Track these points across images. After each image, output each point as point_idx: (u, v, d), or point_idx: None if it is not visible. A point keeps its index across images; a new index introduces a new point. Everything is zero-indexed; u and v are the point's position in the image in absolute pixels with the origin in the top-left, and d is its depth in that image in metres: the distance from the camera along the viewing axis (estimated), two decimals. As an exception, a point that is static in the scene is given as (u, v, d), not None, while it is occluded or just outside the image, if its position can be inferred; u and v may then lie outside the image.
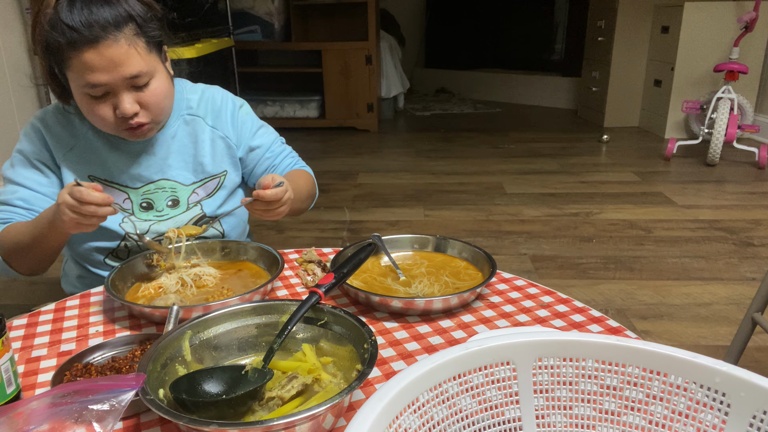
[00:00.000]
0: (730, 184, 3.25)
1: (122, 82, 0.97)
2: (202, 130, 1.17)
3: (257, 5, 4.66)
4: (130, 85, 0.98)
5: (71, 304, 0.96)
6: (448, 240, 1.08)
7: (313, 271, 1.03)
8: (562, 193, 3.17)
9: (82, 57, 0.93)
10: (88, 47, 0.92)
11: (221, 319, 0.76)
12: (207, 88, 1.22)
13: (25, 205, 1.07)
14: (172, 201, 1.15)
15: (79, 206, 0.89)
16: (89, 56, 0.93)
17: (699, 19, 3.97)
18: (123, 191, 1.12)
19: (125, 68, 0.95)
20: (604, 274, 2.22)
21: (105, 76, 0.95)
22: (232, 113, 1.20)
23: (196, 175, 1.17)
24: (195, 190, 1.17)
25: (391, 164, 3.86)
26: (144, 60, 0.98)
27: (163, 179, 1.14)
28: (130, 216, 1.12)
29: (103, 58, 0.93)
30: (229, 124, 1.20)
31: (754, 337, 1.73)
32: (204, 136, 1.17)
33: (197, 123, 1.17)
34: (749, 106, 3.88)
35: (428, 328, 0.86)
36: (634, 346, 0.53)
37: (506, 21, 6.11)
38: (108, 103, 0.99)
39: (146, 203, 1.13)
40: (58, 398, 0.58)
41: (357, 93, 4.68)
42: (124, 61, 0.95)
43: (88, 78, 0.94)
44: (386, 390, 0.47)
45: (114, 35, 0.94)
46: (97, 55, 0.93)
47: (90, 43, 0.92)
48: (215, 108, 1.19)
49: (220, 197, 1.19)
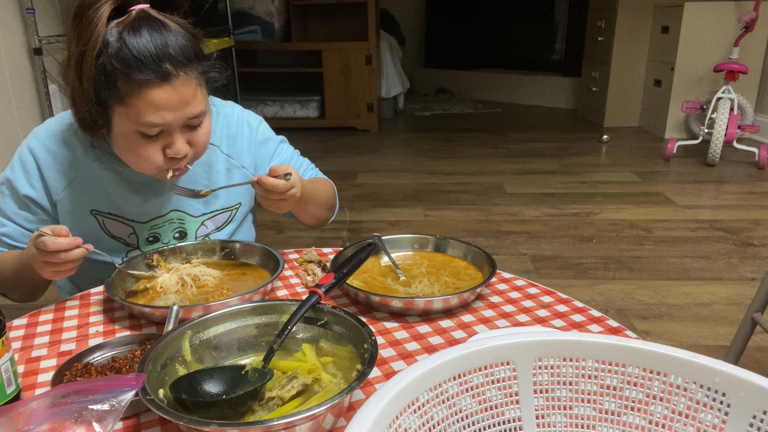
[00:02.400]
0: (730, 184, 3.25)
1: (182, 122, 0.91)
2: (217, 160, 1.10)
3: (257, 5, 4.67)
4: (187, 125, 0.92)
5: (71, 304, 0.96)
6: (448, 240, 1.08)
7: (313, 271, 1.03)
8: (562, 193, 3.17)
9: (150, 95, 0.85)
10: (159, 85, 0.85)
11: (221, 319, 0.76)
12: (223, 106, 1.13)
13: (9, 241, 1.02)
14: (179, 233, 1.10)
15: (48, 256, 0.84)
16: (158, 94, 0.86)
17: (699, 19, 3.97)
18: (129, 225, 1.06)
19: (190, 108, 0.90)
20: (604, 274, 2.22)
21: (170, 116, 0.88)
22: (249, 139, 1.13)
23: (206, 206, 1.11)
24: (204, 222, 1.12)
25: (391, 164, 3.86)
26: (205, 100, 0.93)
27: (172, 210, 1.09)
28: (134, 250, 1.08)
29: (173, 98, 0.87)
30: (245, 151, 1.12)
31: (754, 337, 1.73)
32: (219, 167, 1.10)
33: (212, 152, 1.09)
34: (749, 106, 3.88)
35: (428, 328, 0.86)
36: (634, 346, 0.53)
37: (506, 21, 6.11)
38: (158, 142, 0.91)
39: (153, 237, 1.08)
40: (58, 398, 0.58)
41: (357, 93, 4.68)
42: (190, 102, 0.89)
43: (151, 117, 0.87)
44: (386, 390, 0.47)
45: (185, 73, 0.87)
46: (167, 94, 0.86)
47: (161, 81, 0.85)
48: (231, 134, 1.11)
49: (229, 230, 1.14)
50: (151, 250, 1.03)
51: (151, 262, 1.02)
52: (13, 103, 3.03)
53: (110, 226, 1.06)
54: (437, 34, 6.54)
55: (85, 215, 1.04)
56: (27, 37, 3.11)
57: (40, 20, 3.14)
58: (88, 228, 1.04)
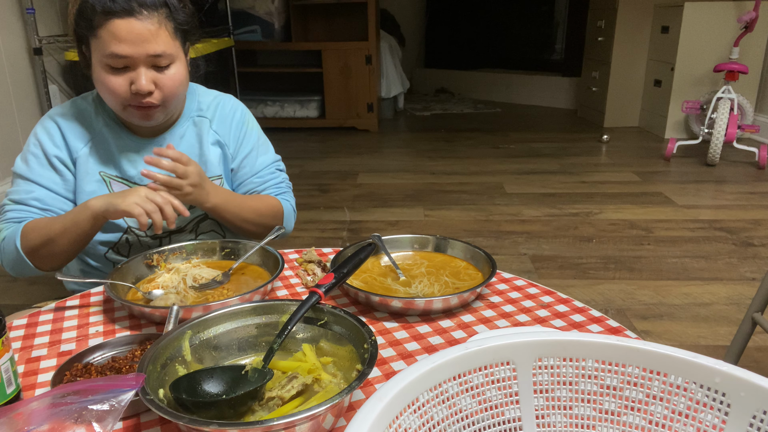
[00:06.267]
0: (730, 184, 3.25)
1: (145, 59, 0.99)
2: (207, 132, 1.19)
3: (257, 5, 4.67)
4: (152, 63, 1.00)
5: (71, 304, 0.96)
6: (448, 240, 1.08)
7: (313, 271, 1.03)
8: (562, 193, 3.17)
9: (113, 25, 0.96)
10: (121, 17, 0.95)
11: (221, 319, 0.76)
12: (220, 94, 1.23)
13: (40, 205, 1.07)
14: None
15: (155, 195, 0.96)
16: (120, 26, 0.96)
17: (699, 19, 3.97)
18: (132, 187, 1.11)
19: (151, 45, 0.98)
20: (604, 274, 2.22)
21: (131, 48, 0.97)
22: (238, 123, 1.22)
23: None
24: None
25: (391, 164, 3.86)
26: (170, 42, 1.00)
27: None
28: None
29: (133, 31, 0.96)
30: (231, 132, 1.21)
31: (754, 337, 1.73)
32: (208, 137, 1.19)
33: (203, 123, 1.19)
34: (749, 106, 3.88)
35: (428, 328, 0.86)
36: (634, 346, 0.53)
37: (506, 21, 6.11)
38: (125, 76, 1.00)
39: None
40: (58, 398, 0.58)
41: (357, 93, 4.68)
42: (151, 38, 0.98)
43: (113, 47, 0.97)
44: (386, 390, 0.47)
45: (148, 11, 0.97)
46: (128, 26, 0.96)
47: (123, 14, 0.95)
48: (223, 114, 1.20)
49: None
50: (151, 251, 1.03)
51: (151, 262, 1.02)
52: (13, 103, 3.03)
53: (116, 187, 1.13)
54: (437, 34, 6.54)
55: (95, 176, 1.12)
56: (27, 37, 3.11)
57: (40, 20, 3.14)
58: (96, 188, 1.11)
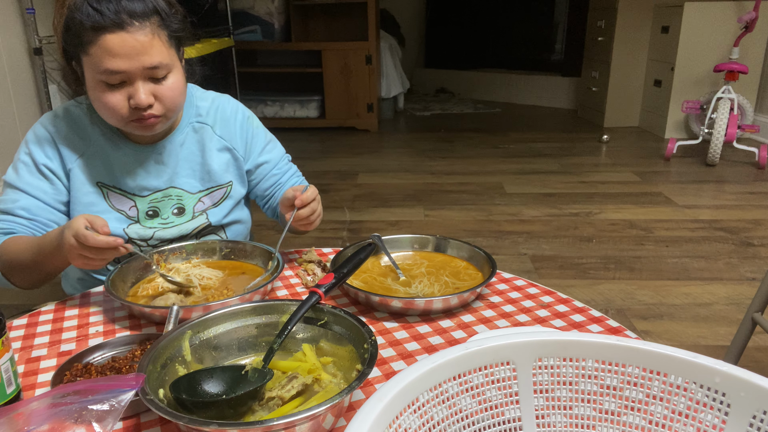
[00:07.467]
0: (730, 184, 3.25)
1: (141, 72, 0.96)
2: (210, 139, 1.16)
3: (257, 5, 4.66)
4: (148, 76, 0.97)
5: (71, 304, 0.96)
6: (448, 240, 1.08)
7: (313, 271, 1.03)
8: (562, 193, 3.17)
9: (105, 41, 0.92)
10: (112, 31, 0.92)
11: (221, 319, 0.76)
12: (217, 96, 1.20)
13: (27, 215, 1.04)
14: (177, 209, 1.14)
15: (86, 250, 0.87)
16: (113, 40, 0.92)
17: (699, 19, 3.97)
18: (130, 199, 1.11)
19: (147, 57, 0.95)
20: (604, 274, 2.22)
21: (126, 63, 0.93)
22: (241, 124, 1.19)
23: (203, 183, 1.16)
24: (201, 199, 1.15)
25: (391, 164, 3.86)
26: (165, 52, 0.97)
27: (170, 187, 1.13)
28: (134, 224, 1.11)
29: (126, 44, 0.92)
30: (237, 135, 1.18)
31: (754, 337, 1.73)
32: (211, 145, 1.15)
33: (205, 131, 1.15)
34: (749, 106, 3.88)
35: (428, 328, 0.86)
36: (634, 346, 0.53)
37: (506, 21, 6.11)
38: (122, 92, 0.97)
39: (152, 211, 1.12)
40: (58, 398, 0.58)
41: (357, 93, 4.68)
42: (146, 50, 0.94)
43: (108, 63, 0.93)
44: (386, 390, 0.47)
45: (140, 21, 0.93)
46: (121, 40, 0.92)
47: (114, 27, 0.92)
48: (224, 117, 1.17)
49: (227, 207, 1.18)
50: (151, 251, 1.03)
51: (151, 262, 1.02)
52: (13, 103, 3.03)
53: (113, 198, 1.11)
54: (437, 34, 6.54)
55: (92, 187, 1.09)
56: (27, 37, 3.11)
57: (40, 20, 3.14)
58: (94, 199, 1.09)
